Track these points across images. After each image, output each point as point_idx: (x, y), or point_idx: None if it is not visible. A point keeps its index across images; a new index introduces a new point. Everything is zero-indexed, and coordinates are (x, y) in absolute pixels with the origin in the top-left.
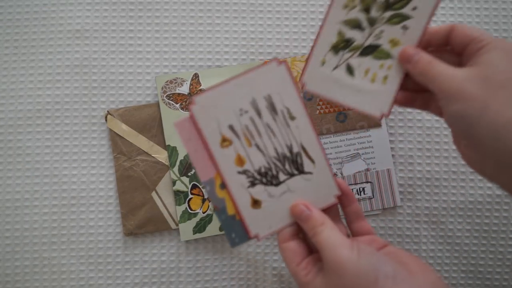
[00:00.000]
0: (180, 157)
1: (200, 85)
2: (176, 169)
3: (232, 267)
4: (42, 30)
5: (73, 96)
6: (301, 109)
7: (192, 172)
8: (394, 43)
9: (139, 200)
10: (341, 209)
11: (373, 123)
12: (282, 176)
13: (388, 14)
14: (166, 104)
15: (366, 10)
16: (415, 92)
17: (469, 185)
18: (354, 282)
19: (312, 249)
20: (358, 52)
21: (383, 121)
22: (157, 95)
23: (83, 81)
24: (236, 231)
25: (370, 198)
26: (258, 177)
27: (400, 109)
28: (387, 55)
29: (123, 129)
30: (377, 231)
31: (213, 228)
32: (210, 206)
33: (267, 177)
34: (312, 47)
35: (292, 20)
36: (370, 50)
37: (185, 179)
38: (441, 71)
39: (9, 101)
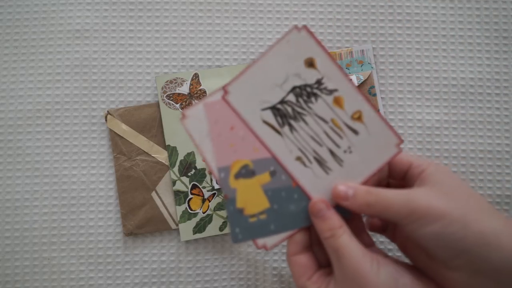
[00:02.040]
0: (180, 157)
1: (200, 85)
2: (176, 169)
3: (232, 267)
4: (42, 30)
5: (73, 96)
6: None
7: (192, 172)
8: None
9: (139, 200)
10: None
11: None
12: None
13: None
14: (166, 104)
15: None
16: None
17: (469, 185)
18: None
19: (320, 264)
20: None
21: None
22: (157, 95)
23: (83, 81)
24: (241, 226)
25: None
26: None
27: (400, 109)
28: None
29: (123, 129)
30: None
31: (213, 228)
32: (210, 206)
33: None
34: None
35: (293, 20)
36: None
37: (185, 179)
38: (391, 197)
39: (9, 101)
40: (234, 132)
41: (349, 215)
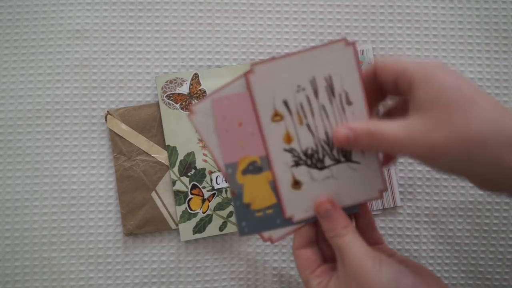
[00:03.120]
0: (180, 157)
1: (200, 85)
2: (176, 169)
3: (232, 267)
4: (42, 30)
5: (73, 96)
6: (360, 95)
7: (192, 172)
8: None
9: (139, 200)
10: (353, 220)
11: None
12: (327, 161)
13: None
14: (166, 104)
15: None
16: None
17: (469, 185)
18: None
19: (326, 258)
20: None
21: None
22: (157, 95)
23: (83, 81)
24: (247, 220)
25: None
26: (303, 157)
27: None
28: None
29: (123, 129)
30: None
31: (213, 228)
32: (210, 206)
33: (313, 160)
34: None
35: (292, 20)
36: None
37: (185, 179)
38: (394, 135)
39: (9, 101)
40: (242, 129)
41: (357, 209)
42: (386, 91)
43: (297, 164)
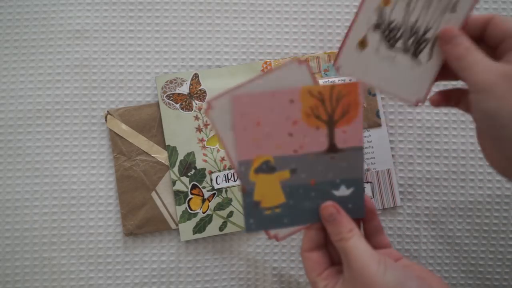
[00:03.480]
0: (180, 157)
1: (200, 85)
2: (176, 169)
3: (232, 267)
4: (42, 30)
5: (73, 96)
6: (466, 9)
7: (192, 172)
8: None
9: (139, 200)
10: (361, 224)
11: (372, 123)
12: (399, 44)
13: None
14: (166, 104)
15: None
16: (447, 92)
17: (469, 185)
18: None
19: (333, 260)
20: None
21: (383, 121)
22: (157, 95)
23: (83, 81)
24: (255, 217)
25: (370, 198)
26: (385, 25)
27: (400, 109)
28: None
29: (123, 129)
30: None
31: (213, 228)
32: (210, 206)
33: (391, 33)
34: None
35: (292, 20)
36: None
37: (185, 179)
38: (478, 61)
39: (9, 101)
40: (260, 128)
41: (363, 214)
42: (486, 38)
43: (376, 27)
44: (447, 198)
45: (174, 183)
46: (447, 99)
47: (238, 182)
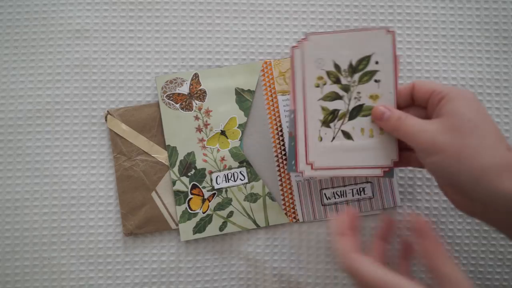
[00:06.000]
0: (180, 157)
1: (200, 85)
2: (176, 169)
3: (232, 267)
4: (42, 30)
5: (73, 96)
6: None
7: (192, 172)
8: (374, 97)
9: (139, 200)
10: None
11: None
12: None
13: (357, 76)
14: (166, 104)
15: (337, 81)
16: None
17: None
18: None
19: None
20: (346, 118)
21: None
22: (157, 95)
23: (83, 81)
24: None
25: (370, 198)
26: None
27: None
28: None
29: (123, 129)
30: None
31: (213, 228)
32: (210, 206)
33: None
34: (305, 130)
35: (292, 20)
36: (356, 112)
37: (185, 179)
38: (412, 126)
39: (9, 101)
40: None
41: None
42: (415, 101)
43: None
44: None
45: (174, 183)
46: (406, 163)
47: (238, 182)
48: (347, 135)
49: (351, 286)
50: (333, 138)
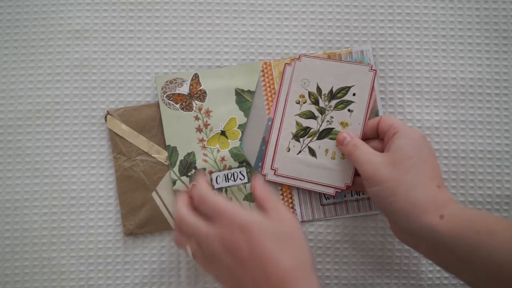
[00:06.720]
0: (180, 157)
1: (200, 85)
2: (176, 169)
3: None
4: (42, 30)
5: (73, 96)
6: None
7: (192, 172)
8: (344, 124)
9: (139, 200)
10: None
11: None
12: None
13: (334, 102)
14: (166, 104)
15: (315, 102)
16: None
17: (469, 185)
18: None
19: None
20: (316, 137)
21: None
22: (157, 95)
23: (83, 81)
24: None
25: (368, 199)
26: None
27: (400, 109)
28: None
29: (123, 129)
30: (377, 231)
31: None
32: None
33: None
34: (277, 139)
35: (292, 20)
36: (325, 133)
37: (185, 179)
38: (362, 155)
39: (9, 101)
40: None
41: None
42: (379, 134)
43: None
44: None
45: (174, 183)
46: (359, 187)
47: (238, 182)
48: (312, 152)
49: (351, 286)
50: (300, 151)
